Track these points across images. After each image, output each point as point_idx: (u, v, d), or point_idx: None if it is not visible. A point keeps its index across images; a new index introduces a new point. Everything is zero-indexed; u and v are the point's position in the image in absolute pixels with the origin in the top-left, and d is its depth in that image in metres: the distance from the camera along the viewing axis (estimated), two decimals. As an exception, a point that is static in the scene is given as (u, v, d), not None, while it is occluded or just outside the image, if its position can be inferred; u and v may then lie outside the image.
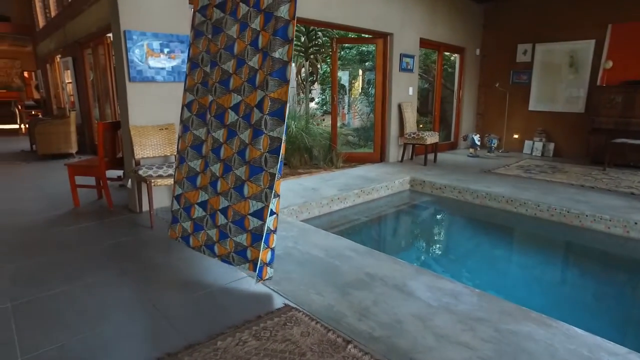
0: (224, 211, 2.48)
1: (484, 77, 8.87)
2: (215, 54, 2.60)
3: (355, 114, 11.20)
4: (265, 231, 2.32)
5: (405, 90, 7.03)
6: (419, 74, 7.62)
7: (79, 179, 4.22)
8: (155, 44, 3.81)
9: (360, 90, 11.44)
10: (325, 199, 4.54)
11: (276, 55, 2.19)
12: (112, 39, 4.11)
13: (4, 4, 12.33)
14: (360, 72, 11.44)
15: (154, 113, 3.93)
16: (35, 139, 7.25)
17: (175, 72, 3.98)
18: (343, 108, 11.71)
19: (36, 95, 15.06)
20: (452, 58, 9.41)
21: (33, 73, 15.34)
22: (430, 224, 5.17)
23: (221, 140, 2.53)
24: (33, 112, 13.95)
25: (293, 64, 10.04)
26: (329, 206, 4.58)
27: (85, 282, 2.59)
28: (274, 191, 2.25)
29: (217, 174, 2.54)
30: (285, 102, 2.20)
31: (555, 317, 2.20)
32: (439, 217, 5.32)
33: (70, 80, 8.37)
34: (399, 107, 6.91)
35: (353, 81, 11.59)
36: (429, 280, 2.65)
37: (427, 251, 4.21)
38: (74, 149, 7.39)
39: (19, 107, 14.41)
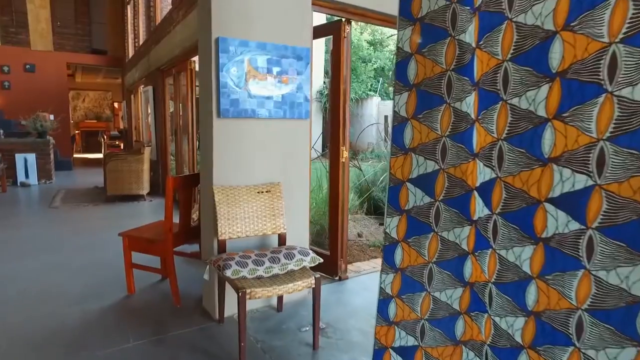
0: None
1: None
2: (494, 74, 1.15)
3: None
4: None
5: None
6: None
7: (137, 257, 2.90)
8: (261, 60, 2.45)
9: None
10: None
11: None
12: (198, 55, 2.86)
13: (102, 38, 12.55)
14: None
15: (251, 166, 2.54)
16: (106, 177, 6.38)
17: (286, 103, 2.58)
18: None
19: (122, 126, 15.19)
20: None
21: (121, 104, 15.59)
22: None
23: (528, 271, 1.10)
24: (116, 142, 13.94)
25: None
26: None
27: None
28: None
29: (519, 341, 1.14)
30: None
31: None
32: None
33: (150, 112, 7.61)
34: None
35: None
36: None
37: None
38: (145, 190, 6.40)
39: (105, 137, 14.56)
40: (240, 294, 1.94)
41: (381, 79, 17.43)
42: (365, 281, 3.27)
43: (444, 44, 1.28)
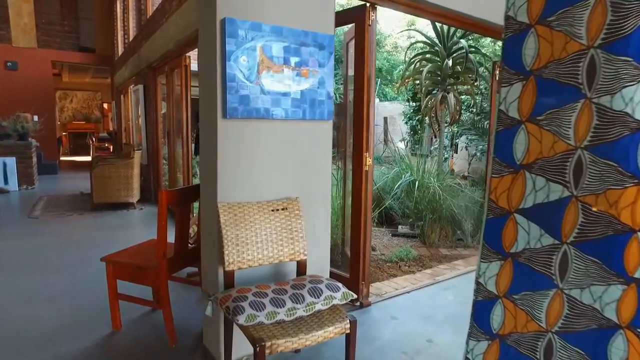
0: None
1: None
2: None
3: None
4: None
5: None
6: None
7: (124, 284, 2.43)
8: (276, 48, 2.01)
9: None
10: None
11: None
12: (196, 46, 2.41)
13: (90, 35, 11.98)
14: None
15: (264, 178, 2.08)
16: (92, 183, 5.86)
17: (306, 101, 2.13)
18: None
19: (111, 127, 14.65)
20: None
21: (111, 104, 15.05)
22: None
23: None
24: (105, 145, 13.37)
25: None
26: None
27: None
28: None
29: None
30: None
31: None
32: None
33: (140, 113, 7.09)
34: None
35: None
36: None
37: None
38: (135, 197, 5.90)
39: (93, 139, 13.96)
40: (258, 348, 1.49)
41: (379, 79, 17.08)
42: (390, 307, 2.83)
43: (586, 8, 0.85)
